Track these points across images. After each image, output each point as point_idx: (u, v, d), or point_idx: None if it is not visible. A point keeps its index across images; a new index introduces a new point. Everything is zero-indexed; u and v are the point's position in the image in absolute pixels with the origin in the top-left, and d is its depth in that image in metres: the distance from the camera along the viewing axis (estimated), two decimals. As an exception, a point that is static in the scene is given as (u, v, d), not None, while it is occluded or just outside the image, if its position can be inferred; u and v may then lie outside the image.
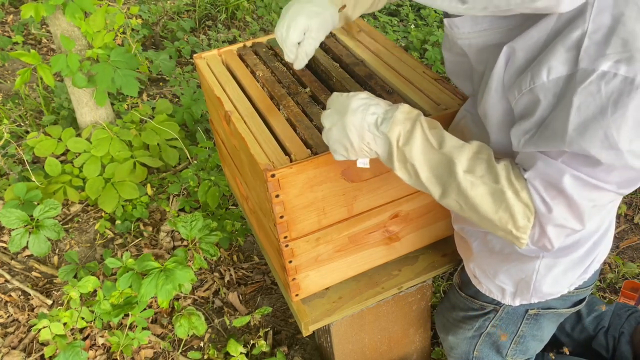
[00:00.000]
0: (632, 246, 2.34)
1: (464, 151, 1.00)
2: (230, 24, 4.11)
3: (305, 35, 1.21)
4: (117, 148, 2.50)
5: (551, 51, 0.88)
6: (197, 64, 1.57)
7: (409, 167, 1.03)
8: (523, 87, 0.92)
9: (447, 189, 1.02)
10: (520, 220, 0.98)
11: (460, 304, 1.46)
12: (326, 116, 1.09)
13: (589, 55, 0.84)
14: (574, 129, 0.85)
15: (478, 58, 1.09)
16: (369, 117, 1.03)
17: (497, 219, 0.99)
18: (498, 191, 0.97)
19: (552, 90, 0.88)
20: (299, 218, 1.25)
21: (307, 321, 1.40)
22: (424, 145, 1.01)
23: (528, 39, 0.94)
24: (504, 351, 1.45)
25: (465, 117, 1.22)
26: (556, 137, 0.88)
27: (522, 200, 0.97)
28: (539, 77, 0.89)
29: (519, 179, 0.98)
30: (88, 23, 2.30)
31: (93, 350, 2.04)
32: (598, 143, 0.84)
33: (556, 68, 0.87)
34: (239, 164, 1.51)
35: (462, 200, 1.01)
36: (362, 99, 1.05)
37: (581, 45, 0.85)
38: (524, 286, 1.27)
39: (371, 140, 1.04)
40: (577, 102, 0.84)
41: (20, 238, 1.94)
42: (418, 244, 1.53)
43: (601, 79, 0.82)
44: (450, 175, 1.00)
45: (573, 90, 0.85)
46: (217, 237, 1.88)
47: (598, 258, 1.29)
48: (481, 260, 1.30)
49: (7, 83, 3.51)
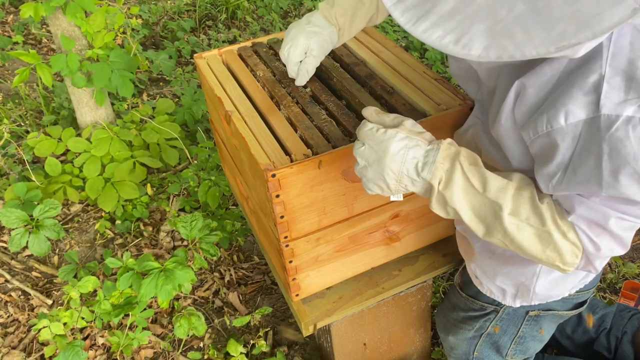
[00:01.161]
0: (632, 246, 2.34)
1: (507, 192, 0.98)
2: (230, 23, 4.11)
3: (306, 54, 1.32)
4: (117, 148, 2.50)
5: (567, 94, 0.87)
6: (197, 64, 1.57)
7: (449, 209, 1.01)
8: (539, 130, 0.92)
9: (491, 230, 1.01)
10: (568, 258, 1.00)
11: (461, 304, 1.46)
12: (359, 153, 1.02)
13: (611, 100, 0.83)
14: (609, 175, 0.86)
15: (488, 74, 1.09)
16: (409, 164, 0.98)
17: (544, 257, 1.01)
18: (545, 233, 0.98)
19: (570, 134, 0.88)
20: (300, 218, 1.25)
21: (307, 321, 1.40)
22: (465, 188, 0.99)
23: (540, 76, 0.93)
24: (504, 351, 1.45)
25: (475, 125, 1.21)
26: (590, 182, 0.89)
27: (569, 240, 0.99)
28: (557, 121, 0.88)
29: (563, 219, 0.99)
30: (88, 23, 2.30)
31: (93, 350, 2.04)
32: (636, 186, 0.86)
33: (574, 112, 0.86)
34: (239, 164, 1.51)
35: (508, 241, 1.01)
36: (401, 139, 0.98)
37: (600, 89, 0.84)
38: (524, 289, 1.27)
39: (409, 184, 1.01)
40: (608, 149, 0.84)
41: (20, 238, 1.94)
42: (418, 244, 1.53)
43: (627, 124, 0.82)
44: (496, 219, 0.99)
45: (600, 136, 0.85)
46: (217, 237, 1.88)
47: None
48: (482, 262, 1.30)
49: (7, 83, 3.51)
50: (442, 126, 1.29)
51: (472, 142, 1.21)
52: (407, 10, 0.79)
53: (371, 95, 1.38)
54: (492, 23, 0.74)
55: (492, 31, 0.74)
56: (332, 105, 1.35)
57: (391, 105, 1.34)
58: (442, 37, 0.77)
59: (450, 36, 0.76)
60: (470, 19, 0.75)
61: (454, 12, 0.76)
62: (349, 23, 1.32)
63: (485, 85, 1.12)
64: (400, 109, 1.31)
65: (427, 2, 0.78)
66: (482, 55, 0.75)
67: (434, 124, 1.26)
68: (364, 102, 1.34)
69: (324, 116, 1.31)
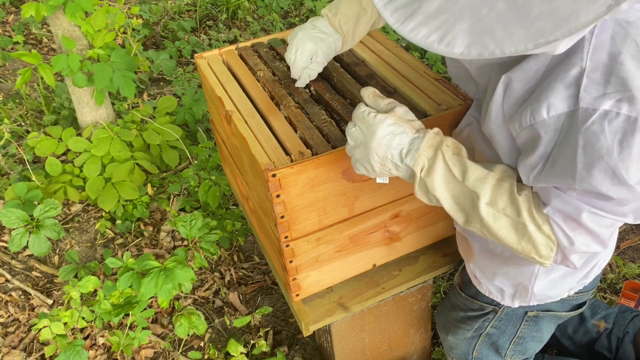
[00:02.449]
0: (632, 247, 2.34)
1: (487, 182, 1.00)
2: (231, 23, 4.11)
3: (312, 59, 1.34)
4: (117, 148, 2.50)
5: (549, 87, 0.88)
6: (198, 64, 1.57)
7: (430, 196, 1.04)
8: (523, 122, 0.93)
9: (470, 219, 1.03)
10: (543, 250, 1.01)
11: (460, 304, 1.47)
12: (350, 133, 1.06)
13: (589, 94, 0.84)
14: (582, 168, 0.86)
15: (480, 73, 1.10)
16: (394, 150, 1.01)
17: (520, 248, 1.02)
18: (520, 224, 0.99)
19: (552, 127, 0.89)
20: (300, 218, 1.25)
21: (307, 321, 1.40)
22: (446, 176, 1.01)
23: (526, 70, 0.94)
24: (503, 352, 1.45)
25: (471, 124, 1.22)
26: (566, 175, 0.89)
27: (544, 233, 0.99)
28: (539, 114, 0.89)
29: (539, 212, 0.99)
30: (89, 23, 2.30)
31: (93, 350, 2.04)
32: (608, 181, 0.86)
33: (555, 106, 0.87)
34: (239, 164, 1.51)
35: (485, 230, 1.03)
36: (389, 125, 1.01)
37: (580, 83, 0.85)
38: (522, 289, 1.27)
39: (393, 168, 1.04)
40: (583, 142, 0.85)
41: (20, 238, 1.94)
42: (419, 244, 1.53)
43: (604, 118, 0.82)
44: (473, 207, 1.01)
45: (576, 129, 0.85)
46: (217, 235, 1.88)
47: (599, 264, 1.29)
48: (481, 261, 1.31)
49: (7, 83, 3.51)
50: (442, 126, 1.28)
51: (468, 140, 1.22)
52: (397, 10, 0.80)
53: (371, 95, 1.38)
54: (474, 21, 0.75)
55: (474, 29, 0.76)
56: (336, 104, 1.35)
57: (391, 105, 1.34)
58: (427, 36, 0.78)
59: (435, 35, 0.78)
60: (454, 17, 0.76)
61: (439, 11, 0.77)
62: (352, 30, 1.35)
63: (479, 84, 1.13)
64: (400, 109, 1.31)
65: (415, 1, 0.79)
66: (464, 53, 0.77)
67: (434, 124, 1.26)
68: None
69: (324, 116, 1.31)
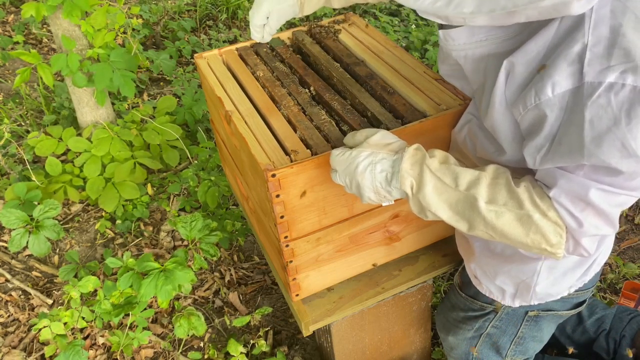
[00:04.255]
0: (632, 247, 2.34)
1: (481, 182, 0.99)
2: (231, 23, 4.11)
3: (268, 19, 1.35)
4: (117, 148, 2.50)
5: (553, 66, 0.88)
6: (197, 64, 1.57)
7: (427, 213, 1.04)
8: (528, 104, 0.92)
9: (473, 224, 1.01)
10: (552, 238, 0.99)
11: (461, 304, 1.46)
12: (336, 179, 1.10)
13: (593, 68, 0.84)
14: (590, 142, 0.86)
15: (474, 69, 1.10)
16: (379, 177, 1.03)
17: (529, 241, 1.00)
18: (525, 216, 0.98)
19: (558, 105, 0.89)
20: (300, 218, 1.25)
21: (307, 321, 1.40)
22: (437, 187, 1.01)
23: (527, 53, 0.94)
24: (504, 352, 1.45)
25: (470, 122, 1.22)
26: (573, 152, 0.89)
27: (550, 219, 0.97)
28: (544, 93, 0.89)
29: (542, 199, 0.98)
30: (89, 22, 2.30)
31: (93, 350, 2.04)
32: (617, 153, 0.85)
33: (560, 83, 0.87)
34: (239, 164, 1.51)
35: (491, 231, 1.01)
36: (366, 157, 1.03)
37: (583, 58, 0.85)
38: (524, 288, 1.27)
39: (387, 195, 1.06)
40: (589, 116, 0.85)
41: (20, 238, 1.94)
42: (418, 244, 1.52)
43: (609, 91, 0.83)
44: (473, 210, 0.99)
45: (582, 104, 0.85)
46: (217, 237, 1.88)
47: (598, 260, 1.29)
48: (482, 261, 1.30)
49: (7, 82, 3.51)
50: (443, 126, 1.29)
51: (468, 139, 1.22)
52: None
53: (371, 95, 1.38)
54: None
55: None
56: (336, 104, 1.35)
57: (391, 105, 1.34)
58: (434, 2, 0.80)
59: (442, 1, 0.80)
60: None
61: None
62: None
63: (475, 82, 1.13)
64: (400, 109, 1.31)
65: None
66: (474, 11, 0.79)
67: (434, 124, 1.26)
68: (364, 102, 1.34)
69: (323, 116, 1.31)
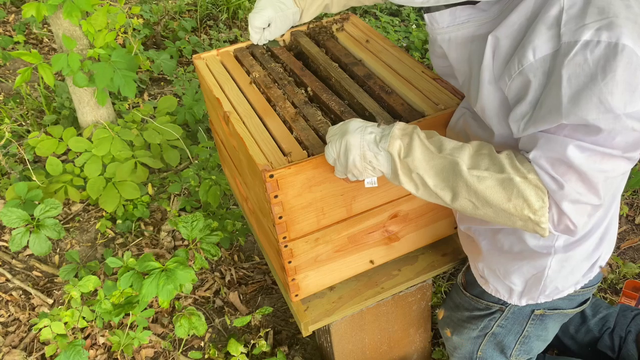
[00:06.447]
0: (633, 247, 2.33)
1: (464, 150, 1.02)
2: (231, 23, 4.11)
3: (270, 25, 1.42)
4: (118, 148, 2.50)
5: (533, 31, 0.91)
6: (196, 65, 1.57)
7: (414, 177, 1.05)
8: (512, 72, 0.95)
9: (456, 191, 1.03)
10: (534, 202, 0.98)
11: (465, 304, 1.46)
12: (329, 153, 1.12)
13: (569, 28, 0.87)
14: (568, 101, 0.87)
15: (458, 56, 1.12)
16: (368, 136, 1.06)
17: (511, 207, 1.00)
18: (506, 180, 0.99)
19: (540, 69, 0.91)
20: (298, 218, 1.25)
21: (306, 321, 1.40)
22: (425, 153, 1.04)
23: (510, 25, 0.97)
24: (509, 351, 1.44)
25: (464, 115, 1.23)
26: (552, 112, 0.90)
27: (531, 182, 0.98)
28: (526, 59, 0.92)
29: (523, 163, 0.99)
30: (90, 22, 2.31)
31: (94, 350, 2.04)
32: (594, 109, 0.86)
33: (540, 47, 0.90)
34: (238, 165, 1.51)
35: (474, 198, 1.02)
36: (359, 122, 1.10)
37: (560, 21, 0.88)
38: (533, 285, 1.27)
39: (373, 159, 1.07)
40: (566, 75, 0.87)
41: (20, 237, 1.94)
42: (418, 244, 1.52)
43: (585, 48, 0.85)
44: (457, 176, 1.01)
45: (560, 64, 0.87)
46: (218, 237, 1.88)
47: (603, 256, 1.30)
48: (491, 260, 1.30)
49: (8, 82, 3.52)
50: (440, 125, 1.29)
51: (463, 131, 1.23)
52: None
53: (369, 95, 1.38)
54: None
55: None
56: (333, 104, 1.35)
57: (389, 105, 1.34)
58: None
59: None
60: None
61: None
62: (308, 7, 1.45)
63: (460, 71, 1.15)
64: (398, 109, 1.31)
65: None
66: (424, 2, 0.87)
67: (432, 124, 1.26)
68: (363, 102, 1.34)
69: (319, 117, 1.31)
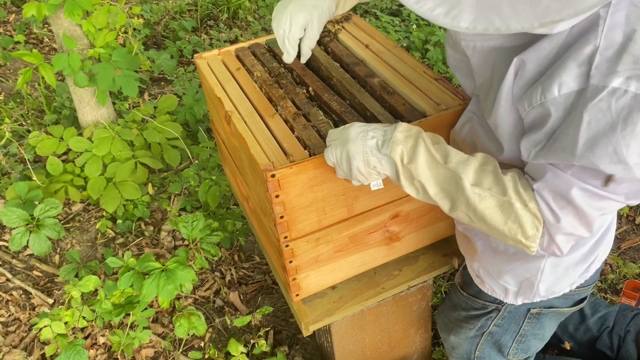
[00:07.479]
0: (633, 247, 2.33)
1: (469, 165, 1.01)
2: (232, 23, 4.11)
3: (306, 30, 1.27)
4: (118, 147, 2.50)
5: (562, 66, 0.89)
6: (197, 64, 1.57)
7: (416, 184, 1.05)
8: (534, 101, 0.93)
9: (455, 203, 1.03)
10: (529, 230, 1.00)
11: (462, 304, 1.46)
12: (329, 156, 1.11)
13: (600, 71, 0.84)
14: (584, 144, 0.86)
15: (482, 62, 1.09)
16: (370, 142, 1.05)
17: (506, 229, 1.01)
18: (506, 203, 0.99)
19: (562, 105, 0.89)
20: (299, 218, 1.25)
21: (307, 321, 1.40)
22: (429, 161, 1.03)
23: (539, 51, 0.94)
24: (506, 350, 1.45)
25: (471, 120, 1.22)
26: (566, 150, 0.89)
27: (530, 210, 0.99)
28: (550, 92, 0.90)
29: (526, 190, 0.99)
30: (90, 22, 2.31)
31: (94, 350, 2.04)
32: (607, 158, 0.85)
33: (567, 83, 0.88)
34: (239, 164, 1.51)
35: (472, 213, 1.02)
36: (359, 126, 1.08)
37: (593, 61, 0.86)
38: (527, 285, 1.27)
39: (377, 164, 1.06)
40: (588, 118, 0.85)
41: (20, 237, 1.94)
42: (418, 244, 1.52)
43: (612, 96, 0.83)
44: (458, 190, 1.01)
45: (583, 105, 0.86)
46: (218, 237, 1.88)
47: (599, 257, 1.30)
48: (485, 260, 1.31)
49: (9, 82, 3.51)
50: (442, 126, 1.29)
51: (469, 137, 1.22)
52: None
53: (371, 95, 1.38)
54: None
55: (481, 4, 0.78)
56: (335, 104, 1.35)
57: (391, 105, 1.34)
58: (432, 9, 0.81)
59: (441, 8, 0.80)
60: None
61: None
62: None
63: (479, 76, 1.13)
64: (399, 109, 1.31)
65: None
66: (469, 27, 0.79)
67: (433, 124, 1.26)
68: (364, 102, 1.34)
69: (321, 117, 1.31)
